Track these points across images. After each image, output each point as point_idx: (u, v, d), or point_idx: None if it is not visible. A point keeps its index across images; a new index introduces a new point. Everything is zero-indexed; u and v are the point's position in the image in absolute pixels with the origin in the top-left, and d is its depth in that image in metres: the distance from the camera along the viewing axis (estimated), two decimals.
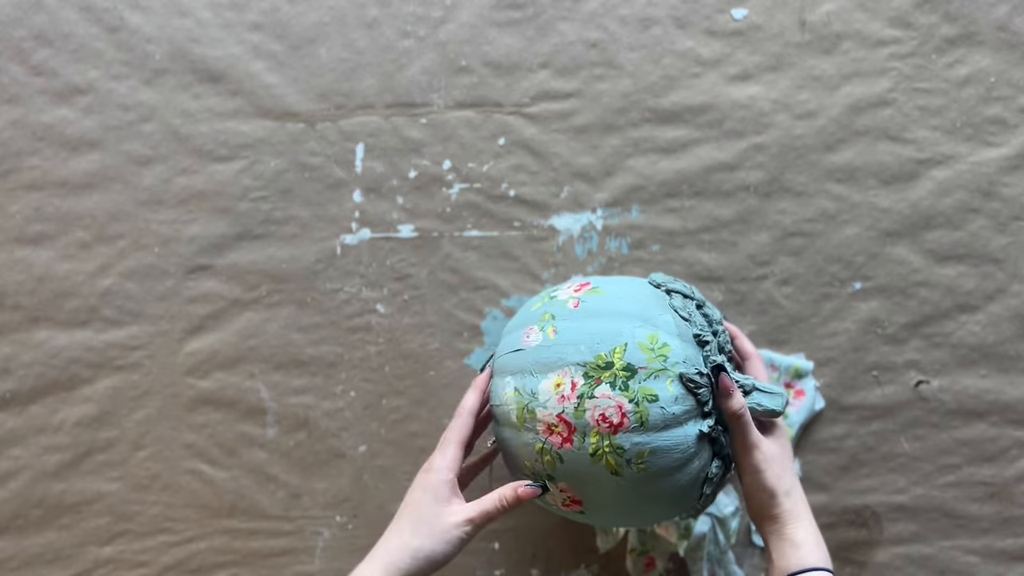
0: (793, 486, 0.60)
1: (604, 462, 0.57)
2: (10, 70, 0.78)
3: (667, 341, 0.57)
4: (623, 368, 0.56)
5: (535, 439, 0.59)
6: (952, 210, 0.76)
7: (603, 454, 0.56)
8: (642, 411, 0.56)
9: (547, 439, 0.58)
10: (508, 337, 0.63)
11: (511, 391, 0.60)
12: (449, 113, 0.78)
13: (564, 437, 0.57)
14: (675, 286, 0.62)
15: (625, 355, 0.56)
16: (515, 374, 0.60)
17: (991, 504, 0.76)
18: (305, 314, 0.78)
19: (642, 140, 0.78)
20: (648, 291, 0.61)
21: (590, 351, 0.57)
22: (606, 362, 0.56)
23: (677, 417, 0.56)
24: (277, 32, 0.79)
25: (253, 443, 0.78)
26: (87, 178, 0.78)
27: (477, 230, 0.78)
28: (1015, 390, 0.76)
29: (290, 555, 0.78)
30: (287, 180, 0.79)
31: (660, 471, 0.57)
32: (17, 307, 0.78)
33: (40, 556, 0.78)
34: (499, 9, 0.78)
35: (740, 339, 0.66)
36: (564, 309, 0.60)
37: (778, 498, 0.59)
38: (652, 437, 0.56)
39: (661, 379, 0.56)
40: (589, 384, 0.56)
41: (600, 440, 0.56)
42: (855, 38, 0.77)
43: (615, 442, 0.56)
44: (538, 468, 0.59)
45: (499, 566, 0.77)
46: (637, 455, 0.56)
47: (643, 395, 0.56)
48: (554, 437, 0.58)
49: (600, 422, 0.56)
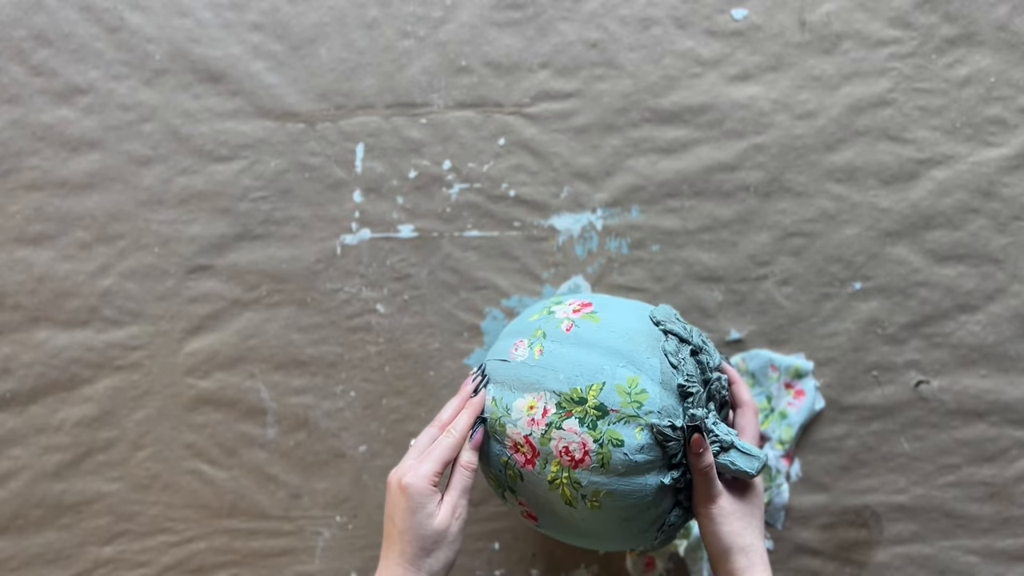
0: (753, 545, 0.58)
1: (560, 492, 0.57)
2: (10, 70, 0.78)
3: (646, 388, 0.56)
4: (595, 407, 0.56)
5: (502, 451, 0.60)
6: (952, 210, 0.76)
7: (560, 484, 0.57)
8: (605, 453, 0.56)
9: (512, 455, 0.59)
10: (502, 342, 0.63)
11: (490, 399, 0.61)
12: (449, 113, 0.78)
13: (527, 458, 0.58)
14: (673, 327, 0.60)
15: (600, 394, 0.56)
16: (497, 384, 0.61)
17: (991, 504, 0.76)
18: (305, 314, 0.78)
19: (642, 140, 0.78)
20: (644, 328, 0.59)
21: (568, 382, 0.57)
22: (580, 397, 0.56)
23: (639, 466, 0.56)
24: (277, 32, 0.79)
25: (253, 443, 0.78)
26: (87, 178, 0.78)
27: (477, 230, 0.78)
28: (1015, 390, 0.76)
29: (290, 555, 0.78)
30: (287, 180, 0.79)
31: (614, 511, 0.57)
32: (17, 307, 0.78)
33: (40, 556, 0.78)
34: (499, 9, 0.78)
35: (738, 385, 0.65)
36: (557, 330, 0.60)
37: (732, 554, 0.58)
38: (611, 480, 0.56)
39: (631, 425, 0.56)
40: (560, 414, 0.57)
41: (560, 471, 0.57)
42: (855, 38, 0.77)
43: (574, 476, 0.57)
44: (501, 478, 0.61)
45: (499, 566, 0.77)
46: (593, 493, 0.57)
47: (609, 438, 0.56)
48: (519, 455, 0.59)
49: (563, 454, 0.57)
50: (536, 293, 0.78)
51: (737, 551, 0.57)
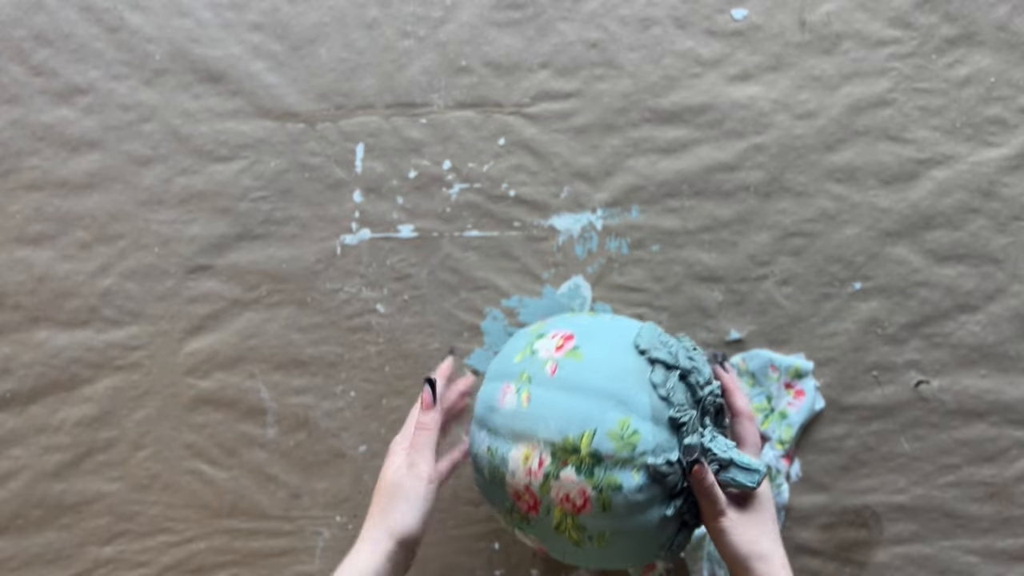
0: (771, 550, 0.58)
1: (567, 535, 0.58)
2: (10, 70, 0.78)
3: (638, 427, 0.56)
4: (590, 455, 0.56)
5: (504, 498, 0.60)
6: (952, 210, 0.76)
7: (566, 528, 0.58)
8: (605, 498, 0.56)
9: (515, 502, 0.60)
10: (488, 385, 0.63)
11: (485, 448, 0.61)
12: (449, 113, 0.78)
13: (530, 505, 0.59)
14: (659, 354, 0.59)
15: (593, 442, 0.56)
16: (489, 432, 0.61)
17: (991, 504, 0.76)
18: (305, 314, 0.78)
19: (642, 140, 0.78)
20: (630, 362, 0.58)
21: (559, 431, 0.56)
22: (573, 446, 0.56)
23: (640, 504, 0.56)
24: (277, 32, 0.79)
25: (253, 443, 0.78)
26: (87, 178, 0.78)
27: (477, 230, 0.78)
28: (1015, 390, 0.76)
29: (290, 555, 0.78)
30: (287, 180, 0.79)
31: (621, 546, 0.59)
32: (17, 307, 0.78)
33: (40, 556, 0.78)
34: (499, 9, 0.78)
35: (734, 395, 0.65)
36: (542, 372, 0.59)
37: (751, 562, 0.57)
38: (614, 521, 0.57)
39: (627, 469, 0.56)
40: (555, 464, 0.57)
41: (564, 516, 0.58)
42: (855, 38, 0.77)
43: (578, 521, 0.57)
44: (508, 519, 0.62)
45: (499, 566, 0.77)
46: (599, 535, 0.57)
47: (607, 483, 0.56)
48: (521, 503, 0.59)
49: (564, 501, 0.57)
50: (536, 293, 0.78)
51: (755, 559, 0.57)
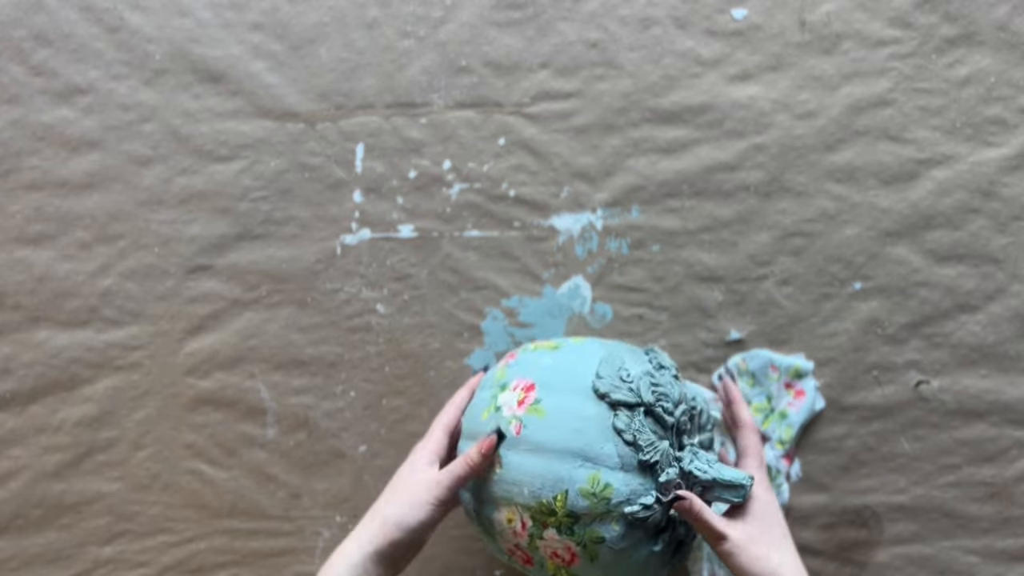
0: (782, 562, 0.57)
1: None
2: (10, 70, 0.78)
3: (608, 480, 0.56)
4: (566, 515, 0.56)
5: (501, 552, 0.63)
6: (952, 210, 0.76)
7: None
8: (591, 551, 0.57)
9: (511, 556, 0.62)
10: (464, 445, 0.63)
11: (472, 509, 0.63)
12: (449, 113, 0.78)
13: (525, 559, 0.61)
14: (619, 395, 0.58)
15: (567, 503, 0.56)
16: (473, 495, 0.62)
17: (991, 504, 0.76)
18: (305, 314, 0.78)
19: (642, 140, 0.78)
20: (590, 410, 0.58)
21: (533, 496, 0.57)
22: (549, 509, 0.57)
23: (627, 550, 0.57)
24: (277, 32, 0.79)
25: (253, 443, 0.78)
26: (87, 178, 0.78)
27: (477, 230, 0.78)
28: (1015, 390, 0.76)
29: (290, 555, 0.78)
30: (287, 180, 0.79)
31: None
32: (17, 307, 0.78)
33: (40, 556, 0.78)
34: (499, 9, 0.78)
35: (737, 405, 0.64)
36: (508, 432, 0.59)
37: None
38: (606, 569, 0.58)
39: (606, 522, 0.56)
40: (537, 526, 0.58)
41: (557, 569, 0.59)
42: (855, 38, 0.77)
43: (571, 571, 0.59)
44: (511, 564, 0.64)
45: (499, 566, 0.77)
46: None
47: (589, 538, 0.57)
48: (516, 557, 0.61)
49: (553, 556, 0.59)
50: (536, 293, 0.78)
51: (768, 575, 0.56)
